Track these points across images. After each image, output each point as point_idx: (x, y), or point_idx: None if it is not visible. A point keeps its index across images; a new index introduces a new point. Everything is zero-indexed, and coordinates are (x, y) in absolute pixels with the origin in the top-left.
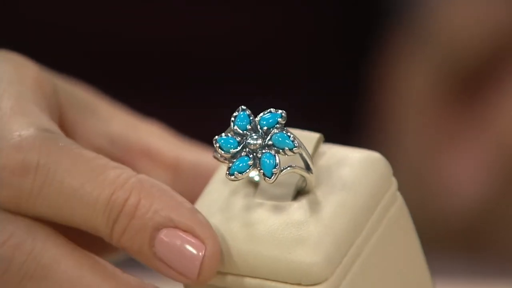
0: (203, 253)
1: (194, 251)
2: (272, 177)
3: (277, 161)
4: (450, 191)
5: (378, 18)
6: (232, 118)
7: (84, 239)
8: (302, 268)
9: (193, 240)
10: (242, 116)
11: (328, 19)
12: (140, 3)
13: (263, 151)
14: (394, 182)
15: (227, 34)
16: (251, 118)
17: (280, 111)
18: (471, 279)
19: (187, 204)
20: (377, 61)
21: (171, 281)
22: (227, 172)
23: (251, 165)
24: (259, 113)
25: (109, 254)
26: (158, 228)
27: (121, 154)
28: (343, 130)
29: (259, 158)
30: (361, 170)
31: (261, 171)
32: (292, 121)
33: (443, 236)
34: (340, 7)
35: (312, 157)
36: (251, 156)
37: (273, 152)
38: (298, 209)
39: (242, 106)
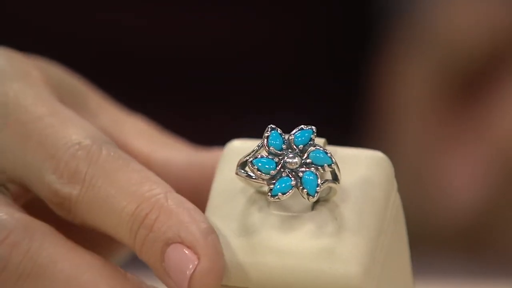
0: (194, 269)
1: (186, 266)
2: (315, 196)
3: (319, 179)
4: (449, 193)
5: (378, 19)
6: (265, 139)
7: (87, 238)
8: (343, 281)
9: (189, 255)
10: (274, 135)
11: (328, 20)
12: (140, 3)
13: (303, 169)
14: (395, 181)
15: (227, 35)
16: (283, 136)
17: (310, 127)
18: (469, 281)
19: (202, 223)
20: (376, 63)
21: None
22: (269, 194)
23: (293, 185)
24: (257, 118)
25: (113, 253)
26: (168, 243)
27: None
28: (341, 132)
29: (301, 178)
30: (372, 171)
31: (304, 190)
32: (292, 122)
33: (442, 237)
34: (340, 7)
35: None
36: (291, 176)
37: (313, 170)
38: (322, 221)
39: (272, 125)
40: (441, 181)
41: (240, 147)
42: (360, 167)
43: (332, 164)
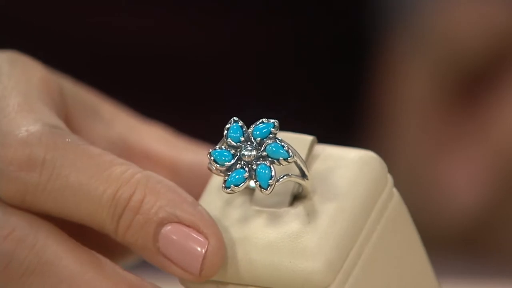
0: (206, 248)
1: (197, 247)
2: (268, 189)
3: (273, 172)
4: (449, 194)
5: (379, 20)
6: (225, 131)
7: (88, 239)
8: (303, 276)
9: (196, 235)
10: (234, 127)
11: (328, 19)
12: (141, 6)
13: (258, 162)
14: (389, 179)
15: (225, 36)
16: (243, 129)
17: (272, 120)
18: (468, 281)
19: (191, 200)
20: (377, 65)
21: (171, 281)
22: (223, 185)
23: (247, 177)
24: (257, 118)
25: (119, 257)
26: (162, 223)
27: (121, 156)
28: (341, 133)
29: (255, 170)
30: (356, 171)
31: (257, 183)
32: (291, 124)
33: (441, 239)
34: (341, 7)
35: (306, 160)
36: (246, 168)
37: (268, 163)
38: (295, 216)
39: (234, 118)
40: (441, 182)
41: None
42: (345, 167)
43: (289, 158)
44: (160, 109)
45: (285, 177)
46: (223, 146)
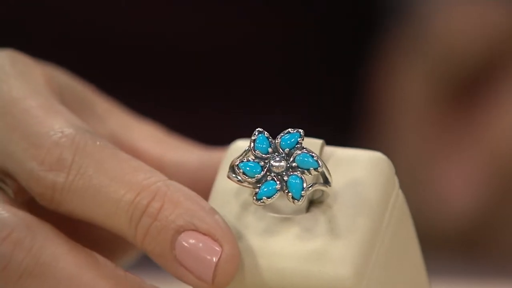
0: (218, 256)
1: (211, 255)
2: (301, 199)
3: (304, 183)
4: (445, 197)
5: (376, 22)
6: (251, 143)
7: (90, 240)
8: (332, 283)
9: (211, 243)
10: (261, 138)
11: (327, 19)
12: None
13: (289, 173)
14: (396, 180)
15: (227, 34)
16: (270, 140)
17: (298, 130)
18: (467, 282)
19: (209, 208)
20: (374, 67)
21: (172, 281)
22: (254, 198)
23: (278, 189)
24: (256, 119)
25: (119, 256)
26: (179, 231)
27: None
28: (339, 135)
29: (286, 181)
30: (368, 173)
31: (289, 194)
32: (291, 124)
33: (439, 240)
34: (340, 7)
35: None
36: (277, 179)
37: (298, 173)
38: (316, 222)
39: (259, 129)
40: (438, 184)
41: (243, 148)
42: (357, 169)
43: (319, 168)
44: (161, 107)
45: (314, 185)
46: (249, 158)
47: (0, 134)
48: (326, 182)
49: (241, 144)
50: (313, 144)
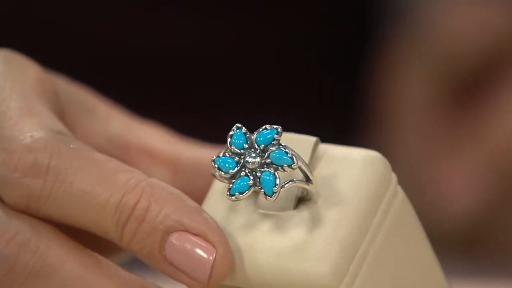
0: (213, 256)
1: (205, 255)
2: (273, 196)
3: (277, 179)
4: (446, 197)
5: (377, 22)
6: (228, 138)
7: (89, 240)
8: (310, 280)
9: (203, 243)
10: (238, 134)
11: (328, 20)
12: (141, 6)
13: (262, 169)
14: (394, 178)
15: (228, 36)
16: (247, 136)
17: (275, 126)
18: (465, 283)
19: (197, 208)
20: (375, 67)
21: (172, 281)
22: (228, 193)
23: (251, 185)
24: (257, 120)
25: (113, 254)
26: (168, 232)
27: (119, 153)
28: (340, 135)
29: (259, 177)
30: (360, 173)
31: (262, 190)
32: (291, 125)
33: (439, 240)
34: (340, 8)
35: (310, 162)
36: (250, 175)
37: (272, 170)
38: (301, 220)
39: (237, 124)
40: (439, 184)
41: None
42: (349, 166)
43: (293, 165)
44: (162, 110)
45: (289, 183)
46: (226, 153)
47: None
48: (308, 180)
49: None
50: (306, 141)
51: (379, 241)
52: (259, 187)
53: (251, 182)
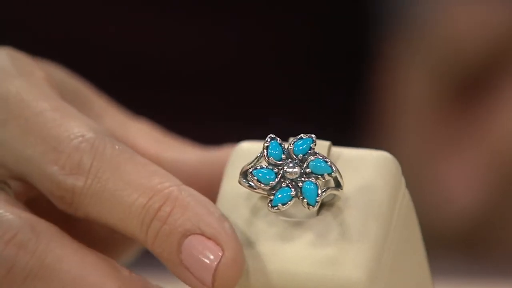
0: (218, 260)
1: (210, 258)
2: (316, 205)
3: (319, 189)
4: (447, 196)
5: (378, 22)
6: (264, 149)
7: (99, 240)
8: (347, 287)
9: (213, 247)
10: (273, 145)
11: (328, 22)
12: (140, 9)
13: (303, 179)
14: (403, 179)
15: (230, 41)
16: (282, 146)
17: (310, 135)
18: (466, 282)
19: (218, 214)
20: (376, 67)
21: (172, 281)
22: (270, 205)
23: (293, 196)
24: (257, 121)
25: (123, 254)
26: (185, 235)
27: None
28: (340, 136)
29: (300, 188)
30: (377, 173)
31: (305, 200)
32: (291, 125)
33: (440, 240)
34: (341, 9)
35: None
36: (291, 186)
37: (313, 179)
38: (327, 226)
39: (271, 135)
40: (440, 184)
41: (248, 150)
42: (365, 169)
43: (332, 173)
44: (162, 112)
45: (327, 190)
46: (262, 164)
47: (13, 138)
48: (338, 185)
49: (247, 146)
50: (321, 146)
51: (395, 243)
52: (301, 197)
53: (293, 193)
